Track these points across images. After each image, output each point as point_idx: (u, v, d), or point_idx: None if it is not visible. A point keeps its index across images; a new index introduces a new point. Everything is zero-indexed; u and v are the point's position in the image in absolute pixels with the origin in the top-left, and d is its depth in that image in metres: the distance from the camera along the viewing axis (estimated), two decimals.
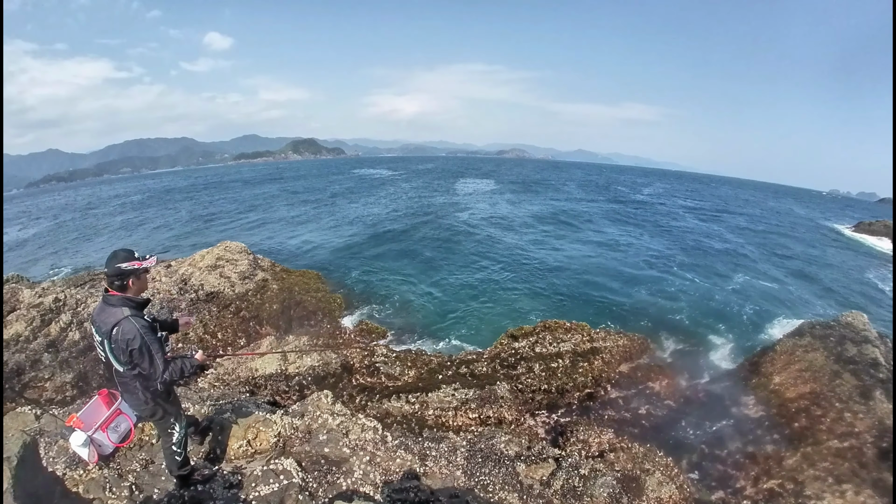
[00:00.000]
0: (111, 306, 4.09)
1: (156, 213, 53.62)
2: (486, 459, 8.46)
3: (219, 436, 6.27)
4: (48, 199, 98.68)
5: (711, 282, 24.39)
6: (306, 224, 39.20)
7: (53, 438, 6.00)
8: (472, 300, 20.12)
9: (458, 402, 11.60)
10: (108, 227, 45.37)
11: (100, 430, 4.36)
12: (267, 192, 70.74)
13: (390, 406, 11.47)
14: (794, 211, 78.70)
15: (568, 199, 61.56)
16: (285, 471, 5.71)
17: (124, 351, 4.03)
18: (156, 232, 40.48)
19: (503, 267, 25.30)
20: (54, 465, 5.35)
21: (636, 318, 18.18)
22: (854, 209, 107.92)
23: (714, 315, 19.50)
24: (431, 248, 29.20)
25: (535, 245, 31.14)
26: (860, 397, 11.56)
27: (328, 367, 12.57)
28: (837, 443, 10.56)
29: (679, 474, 9.34)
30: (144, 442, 6.04)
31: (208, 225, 42.01)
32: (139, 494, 5.23)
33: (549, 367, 13.79)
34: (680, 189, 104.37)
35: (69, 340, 13.06)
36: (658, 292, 22.01)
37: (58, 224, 50.98)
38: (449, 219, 40.90)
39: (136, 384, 4.27)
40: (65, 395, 11.34)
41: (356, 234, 33.90)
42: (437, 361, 13.84)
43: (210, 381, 11.50)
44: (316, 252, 28.36)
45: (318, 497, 5.65)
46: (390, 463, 6.65)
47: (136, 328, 4.01)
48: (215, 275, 17.90)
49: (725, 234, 40.47)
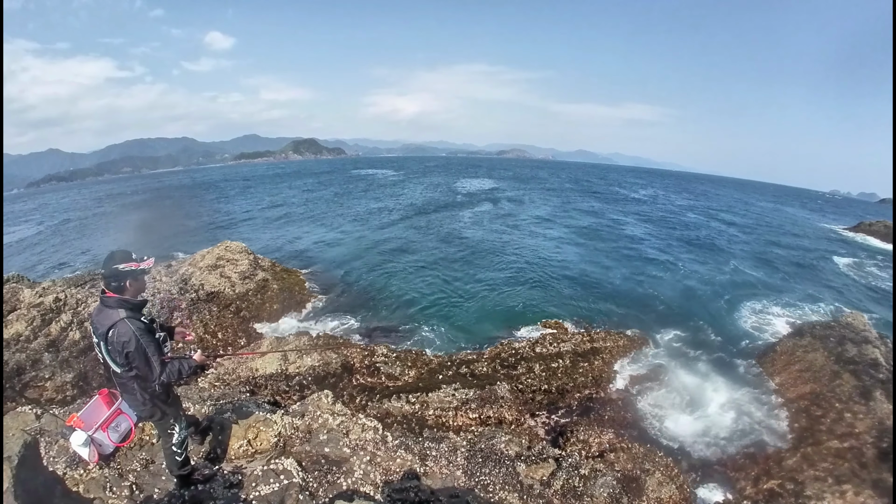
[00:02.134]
0: (108, 308, 4.09)
1: (155, 213, 53.64)
2: (486, 459, 8.47)
3: (219, 435, 6.27)
4: (49, 199, 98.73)
5: (712, 281, 24.39)
6: (308, 224, 39.18)
7: (54, 438, 6.00)
8: (473, 300, 20.11)
9: (458, 402, 11.60)
10: (108, 227, 45.37)
11: (100, 429, 4.37)
12: (267, 193, 70.71)
13: (391, 406, 11.47)
14: (793, 212, 78.61)
15: (568, 199, 61.61)
16: (286, 470, 5.71)
17: (120, 353, 4.03)
18: (150, 231, 40.46)
19: (504, 266, 25.29)
20: (55, 465, 5.35)
21: (636, 318, 18.19)
22: (855, 209, 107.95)
23: (714, 315, 19.50)
24: (432, 248, 29.18)
25: (537, 245, 31.13)
26: (860, 398, 11.57)
27: (328, 367, 12.57)
28: (837, 443, 10.58)
29: (679, 474, 9.36)
30: (145, 442, 6.04)
31: (208, 224, 41.98)
32: (139, 494, 5.23)
33: (550, 367, 13.81)
34: (677, 189, 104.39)
35: (69, 340, 13.05)
36: (658, 293, 21.99)
37: (59, 223, 50.95)
38: (449, 218, 40.94)
39: (135, 385, 4.26)
40: (65, 395, 11.34)
41: (357, 234, 33.91)
42: (438, 361, 13.84)
43: (210, 381, 11.50)
44: (317, 252, 28.35)
45: (319, 497, 5.65)
46: (391, 463, 6.65)
47: (131, 330, 4.00)
48: (216, 274, 17.91)
49: (725, 234, 40.45)
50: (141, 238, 36.34)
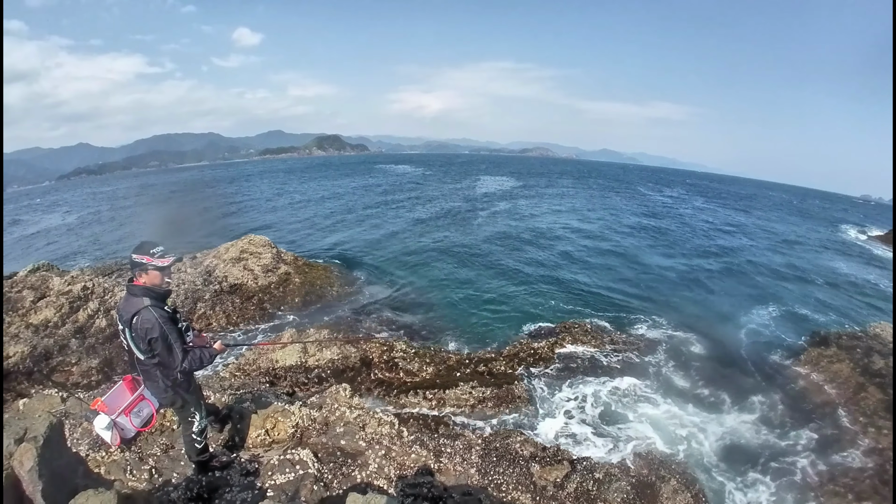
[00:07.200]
0: (133, 296, 4.21)
1: (182, 206, 54.55)
2: (500, 459, 8.44)
3: (238, 424, 6.37)
4: (80, 192, 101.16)
5: (736, 284, 23.93)
6: (330, 219, 39.42)
7: (78, 420, 6.17)
8: (493, 299, 20.02)
9: (474, 399, 11.59)
10: (135, 219, 46.32)
11: (123, 414, 4.45)
12: (291, 187, 71.41)
13: (407, 401, 11.51)
14: (830, 215, 76.49)
15: (591, 198, 60.99)
16: (301, 461, 5.77)
17: (143, 339, 4.14)
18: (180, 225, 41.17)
19: (525, 266, 25.14)
20: (78, 447, 5.49)
21: (656, 323, 17.85)
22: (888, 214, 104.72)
23: (736, 319, 19.09)
24: (455, 246, 29.08)
25: (559, 245, 30.82)
26: (885, 412, 11.26)
27: (347, 361, 12.65)
28: (860, 458, 10.31)
29: (695, 482, 9.20)
30: (166, 427, 6.16)
31: (233, 218, 42.57)
32: (158, 478, 5.34)
33: (569, 367, 13.72)
34: (703, 191, 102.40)
35: (96, 327, 13.38)
36: (679, 295, 21.68)
37: (88, 214, 52.22)
38: (472, 216, 40.79)
39: (157, 372, 4.37)
40: (90, 380, 11.63)
41: (380, 230, 34.00)
42: (456, 359, 13.82)
43: (231, 371, 11.68)
44: (339, 247, 28.49)
45: (333, 488, 5.69)
46: (405, 458, 6.67)
47: (154, 318, 4.11)
48: (239, 267, 18.17)
49: (750, 238, 39.56)
50: (166, 231, 37.01)
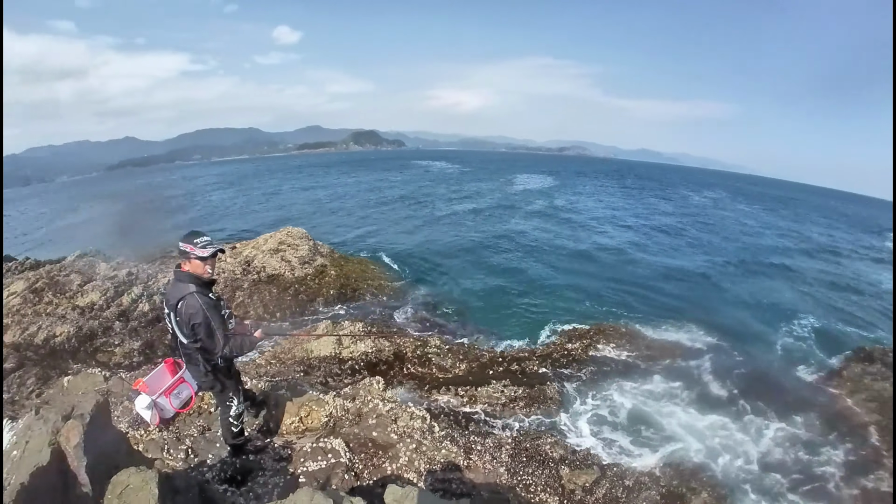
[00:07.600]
0: (180, 282, 4.32)
1: (223, 197, 56.04)
2: (530, 459, 8.36)
3: (273, 410, 6.45)
4: (126, 182, 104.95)
5: (776, 293, 23.02)
6: (367, 214, 39.81)
7: (119, 399, 6.39)
8: (528, 298, 19.83)
9: (506, 398, 11.49)
10: (181, 208, 47.80)
11: (163, 395, 4.57)
12: (328, 181, 72.45)
13: (439, 397, 11.50)
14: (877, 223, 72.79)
15: (629, 197, 59.86)
16: (333, 450, 5.81)
17: (187, 324, 4.25)
18: (221, 214, 42.32)
19: (562, 266, 24.87)
20: (118, 424, 5.66)
21: (693, 331, 17.19)
22: None
23: (776, 329, 18.31)
24: (492, 244, 29.00)
25: (597, 246, 30.33)
26: None
27: (381, 355, 12.73)
28: None
29: (726, 498, 8.89)
30: (203, 410, 6.29)
31: (272, 209, 43.46)
32: (194, 458, 5.46)
33: (602, 370, 13.47)
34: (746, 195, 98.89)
35: (139, 311, 13.84)
36: (717, 300, 21.09)
37: (134, 204, 53.93)
38: (509, 215, 40.56)
39: (199, 356, 4.46)
40: (132, 361, 12.04)
41: (416, 226, 34.15)
42: (489, 357, 13.74)
43: (267, 359, 11.89)
44: (375, 242, 28.73)
45: (364, 478, 5.71)
46: (435, 453, 6.65)
47: (199, 304, 4.20)
48: (277, 258, 18.50)
49: (792, 244, 37.90)
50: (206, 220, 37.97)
